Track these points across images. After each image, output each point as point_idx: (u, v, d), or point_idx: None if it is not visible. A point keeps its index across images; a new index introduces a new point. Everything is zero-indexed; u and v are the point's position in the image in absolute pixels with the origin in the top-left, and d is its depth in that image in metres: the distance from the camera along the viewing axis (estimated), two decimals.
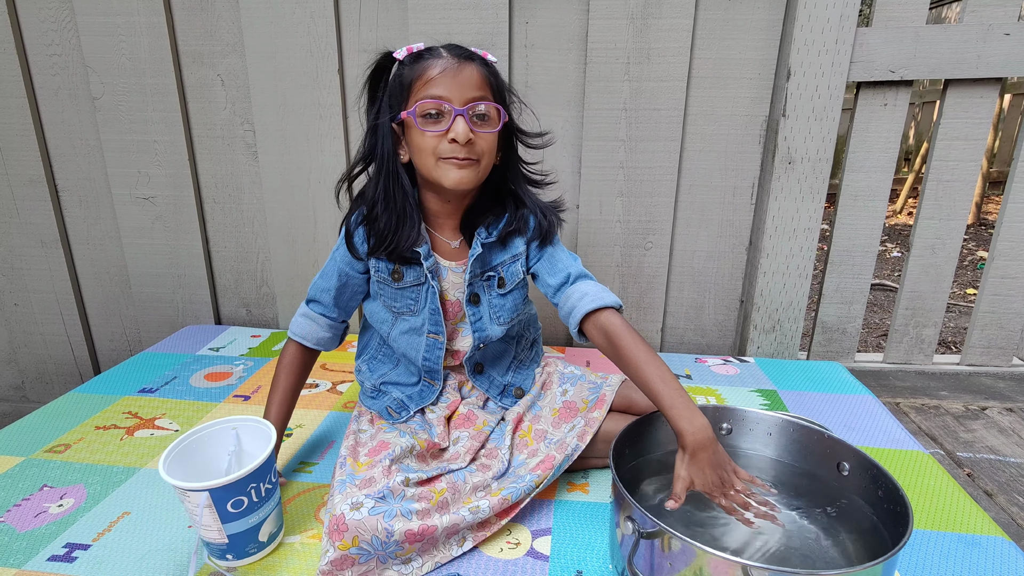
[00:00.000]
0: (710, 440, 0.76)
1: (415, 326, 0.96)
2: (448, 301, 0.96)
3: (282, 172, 1.51)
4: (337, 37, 1.40)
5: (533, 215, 0.95)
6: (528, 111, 0.94)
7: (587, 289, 0.92)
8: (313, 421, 1.16)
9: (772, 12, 1.33)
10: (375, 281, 0.96)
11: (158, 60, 1.44)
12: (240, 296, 1.65)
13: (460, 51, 0.85)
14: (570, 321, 0.93)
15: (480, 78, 0.84)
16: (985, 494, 1.09)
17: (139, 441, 1.08)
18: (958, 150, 1.38)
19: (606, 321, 0.89)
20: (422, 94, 0.83)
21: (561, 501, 0.93)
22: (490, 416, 0.99)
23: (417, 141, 0.85)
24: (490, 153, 0.87)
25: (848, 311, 1.51)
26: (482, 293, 0.97)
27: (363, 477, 0.83)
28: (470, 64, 0.84)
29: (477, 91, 0.83)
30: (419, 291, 0.95)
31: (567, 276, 0.95)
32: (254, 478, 0.77)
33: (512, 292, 0.98)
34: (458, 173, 0.85)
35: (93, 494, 0.94)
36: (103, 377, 1.33)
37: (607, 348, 0.89)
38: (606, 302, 0.90)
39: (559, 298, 0.95)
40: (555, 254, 0.97)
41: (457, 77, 0.82)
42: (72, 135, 1.52)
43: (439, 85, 0.82)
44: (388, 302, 0.96)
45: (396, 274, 0.93)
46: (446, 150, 0.83)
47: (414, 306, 0.95)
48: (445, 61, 0.83)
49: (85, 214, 1.59)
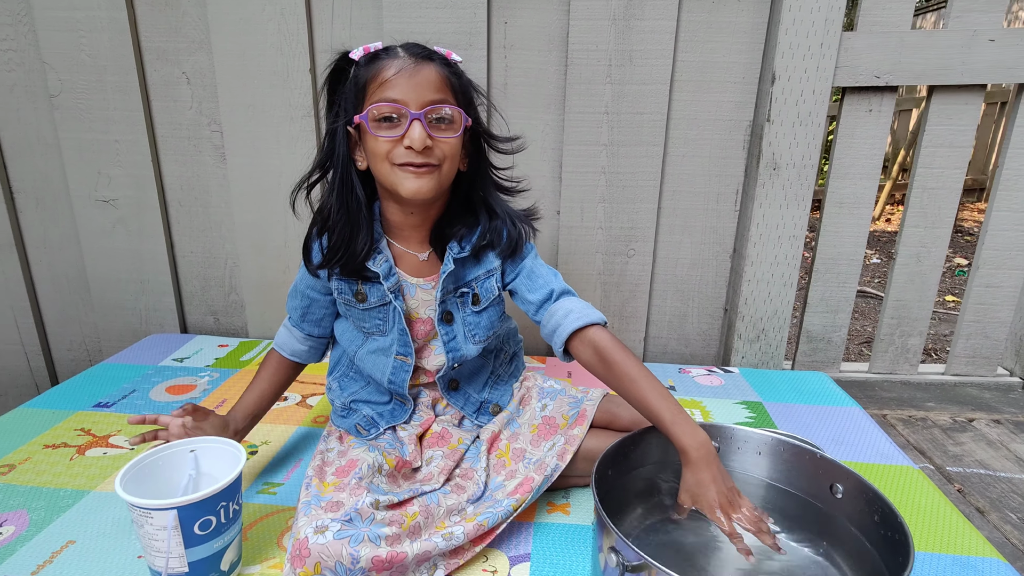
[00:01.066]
0: (713, 456, 0.74)
1: (383, 346, 0.91)
2: (418, 319, 0.91)
3: (251, 175, 1.44)
4: (309, 35, 1.34)
5: (504, 225, 0.90)
6: (497, 114, 0.89)
7: (571, 306, 0.88)
8: (280, 437, 1.10)
9: (756, 15, 1.30)
10: (341, 303, 0.91)
11: (120, 56, 1.37)
12: (207, 303, 1.58)
13: (418, 50, 0.80)
14: (554, 339, 0.88)
15: (440, 79, 0.79)
16: (977, 511, 1.07)
17: (90, 461, 1.01)
18: (943, 157, 1.36)
19: (595, 337, 0.85)
20: (376, 97, 0.78)
21: (541, 524, 0.88)
22: (465, 434, 0.94)
23: (371, 146, 0.80)
24: (452, 159, 0.82)
25: (833, 320, 1.48)
26: (455, 311, 0.92)
27: (329, 499, 0.78)
28: (428, 64, 0.79)
29: (436, 93, 0.78)
30: (386, 311, 0.89)
31: (549, 293, 0.90)
32: (225, 496, 0.72)
33: (488, 309, 0.93)
34: (416, 182, 0.79)
35: (36, 521, 0.87)
36: (56, 391, 1.25)
37: (597, 365, 0.85)
38: (592, 319, 0.86)
39: (541, 315, 0.90)
40: (534, 269, 0.92)
41: (414, 78, 0.77)
42: (28, 133, 1.44)
43: (394, 87, 0.77)
44: (357, 322, 0.91)
45: (359, 295, 0.88)
46: (401, 155, 0.78)
47: (383, 326, 0.90)
48: (401, 61, 0.78)
49: (42, 216, 1.51)
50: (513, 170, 0.93)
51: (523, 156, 1.38)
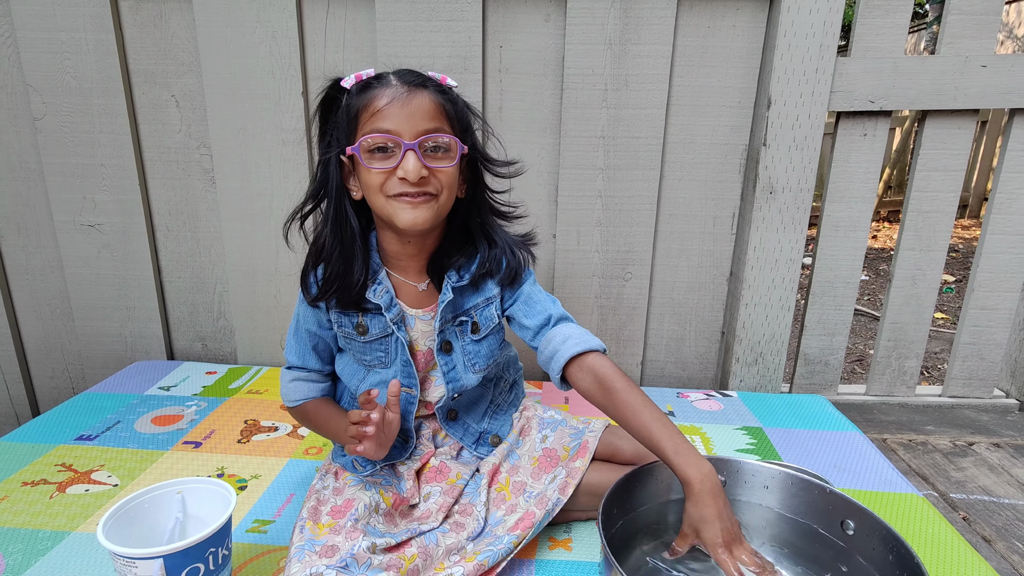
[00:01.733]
0: (719, 489, 0.72)
1: (386, 379, 0.88)
2: (418, 351, 0.88)
3: (242, 199, 1.41)
4: (301, 58, 1.33)
5: (503, 254, 0.88)
6: (494, 138, 0.87)
7: (569, 332, 0.86)
8: (271, 470, 1.06)
9: (751, 40, 1.30)
10: (341, 337, 0.88)
11: (106, 79, 1.34)
12: (195, 329, 1.54)
13: (411, 77, 0.78)
14: (552, 366, 0.86)
15: (434, 107, 0.77)
16: (983, 540, 1.05)
17: (71, 499, 0.97)
18: (937, 181, 1.37)
19: (595, 364, 0.83)
20: (369, 127, 0.76)
21: (542, 561, 0.85)
22: (464, 468, 0.91)
23: (365, 178, 0.78)
24: (449, 188, 0.80)
25: (831, 343, 1.47)
26: (455, 340, 0.89)
27: (324, 543, 0.74)
28: (422, 92, 0.77)
29: (430, 122, 0.76)
30: (388, 343, 0.87)
31: (547, 318, 0.88)
32: (213, 542, 0.69)
33: (487, 338, 0.91)
34: (412, 213, 0.77)
35: (12, 566, 0.82)
36: (36, 423, 1.20)
37: (597, 393, 0.83)
38: (591, 345, 0.84)
39: (538, 342, 0.88)
40: (532, 295, 0.90)
41: (407, 107, 0.75)
42: (10, 158, 1.41)
43: (386, 117, 0.75)
44: (358, 355, 0.89)
45: (360, 328, 0.86)
46: (395, 186, 0.76)
47: (384, 358, 0.88)
48: (393, 90, 0.76)
49: (24, 242, 1.46)
50: (510, 194, 0.91)
51: (519, 180, 1.37)
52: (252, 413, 1.26)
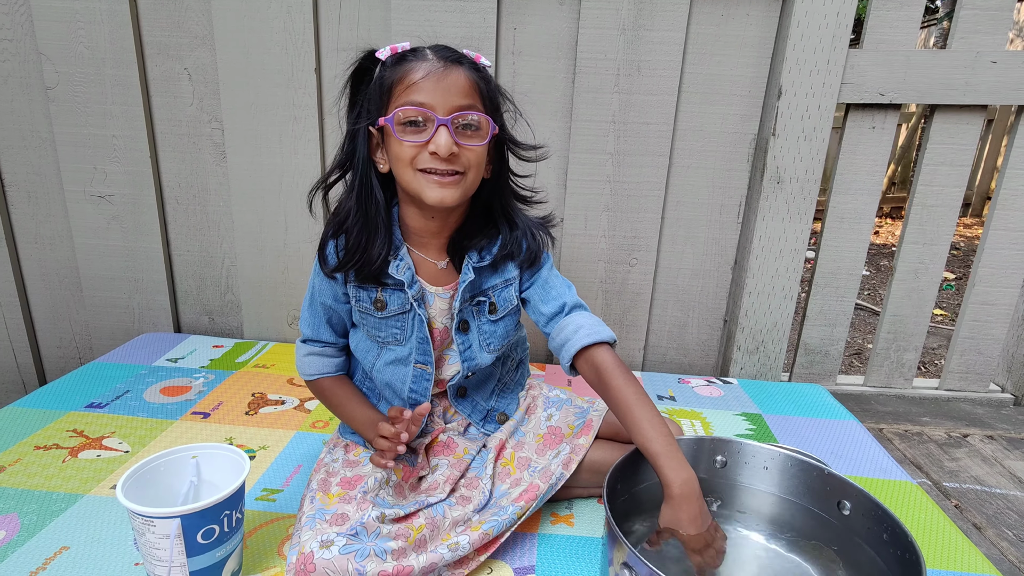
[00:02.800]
0: (696, 494, 0.73)
1: (401, 356, 0.89)
2: (435, 329, 0.89)
3: (252, 174, 1.42)
4: (315, 34, 1.33)
5: (524, 236, 0.89)
6: (523, 120, 0.87)
7: (582, 322, 0.87)
8: (278, 442, 1.08)
9: (764, 29, 1.30)
10: (357, 312, 0.88)
11: (120, 50, 1.35)
12: (202, 303, 1.55)
13: (448, 53, 0.78)
14: (562, 354, 0.87)
15: (469, 84, 0.77)
16: (974, 527, 1.08)
17: (83, 463, 0.99)
18: (943, 175, 1.38)
19: (600, 358, 0.84)
20: (403, 100, 0.75)
21: (545, 535, 0.87)
22: (471, 443, 0.93)
23: (395, 150, 0.78)
24: (477, 167, 0.80)
25: (831, 333, 1.49)
26: (471, 319, 0.90)
27: (334, 512, 0.76)
28: (458, 68, 0.77)
29: (464, 99, 0.76)
30: (404, 319, 0.87)
31: (562, 306, 0.89)
32: (228, 504, 0.71)
33: (504, 319, 0.91)
34: (440, 191, 0.77)
35: (28, 525, 0.84)
36: (47, 389, 1.22)
37: (597, 386, 0.85)
38: (602, 337, 0.86)
39: (552, 328, 0.89)
40: (548, 280, 0.91)
41: (442, 82, 0.75)
42: (22, 126, 1.41)
43: (422, 91, 0.75)
44: (372, 332, 0.89)
45: (378, 303, 0.86)
46: (425, 161, 0.76)
47: (400, 335, 0.88)
48: (430, 64, 0.76)
49: (34, 211, 1.47)
50: (532, 179, 0.92)
51: (527, 163, 1.38)
52: (259, 387, 1.28)
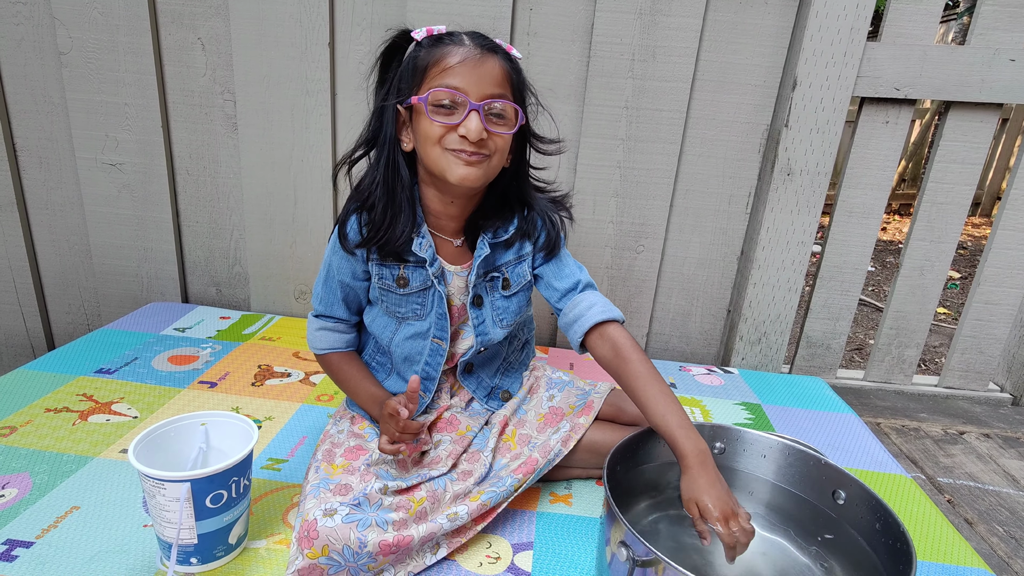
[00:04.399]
0: (711, 461, 0.75)
1: (420, 331, 0.90)
2: (453, 306, 0.91)
3: (262, 147, 1.42)
4: (330, 8, 1.32)
5: (541, 221, 0.90)
6: (545, 115, 0.87)
7: (594, 300, 0.89)
8: (284, 413, 1.10)
9: (782, 19, 1.29)
10: (378, 288, 0.89)
11: (134, 17, 1.34)
12: (210, 274, 1.56)
13: (484, 41, 0.79)
14: (574, 329, 0.89)
15: (502, 74, 0.78)
16: (966, 522, 1.09)
17: (93, 427, 1.01)
18: (954, 173, 1.38)
19: (614, 334, 0.86)
20: (437, 82, 0.76)
21: (543, 513, 0.89)
22: (473, 420, 0.95)
23: (425, 129, 0.79)
24: (501, 153, 0.81)
25: (834, 327, 1.50)
26: (485, 295, 0.92)
27: (338, 482, 0.78)
28: (493, 57, 0.78)
29: (496, 87, 0.77)
30: (425, 296, 0.89)
31: (575, 283, 0.91)
32: (237, 471, 0.73)
33: (517, 294, 0.93)
34: (464, 169, 0.78)
35: (39, 484, 0.86)
36: (57, 354, 1.24)
37: (612, 361, 0.86)
38: (615, 315, 0.87)
39: (564, 304, 0.91)
40: (563, 258, 0.93)
41: (478, 69, 0.76)
42: (35, 91, 1.41)
43: (457, 75, 0.76)
44: (392, 308, 0.90)
45: (401, 280, 0.88)
46: (454, 142, 0.77)
47: (420, 311, 0.90)
48: (467, 50, 0.77)
49: (45, 177, 1.48)
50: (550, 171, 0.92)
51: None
52: (266, 359, 1.29)
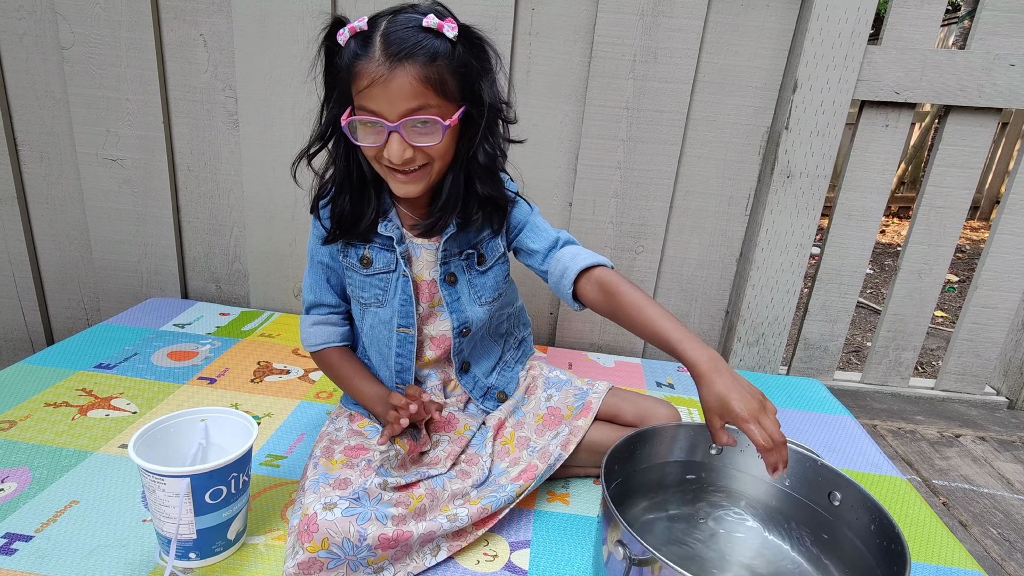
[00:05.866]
0: (724, 365, 0.73)
1: (384, 319, 0.89)
2: (423, 282, 0.90)
3: (263, 144, 1.43)
4: (332, 6, 1.32)
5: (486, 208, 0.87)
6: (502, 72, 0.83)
7: (577, 251, 0.88)
8: (283, 410, 1.10)
9: (784, 21, 1.30)
10: (343, 266, 0.89)
11: (136, 13, 1.34)
12: (210, 270, 1.57)
13: (394, 48, 0.71)
14: (563, 283, 0.87)
15: (416, 84, 0.71)
16: (960, 524, 1.10)
17: (92, 422, 1.01)
18: (953, 177, 1.38)
19: (602, 275, 0.85)
20: (358, 103, 0.74)
21: (541, 512, 0.90)
22: (470, 420, 0.95)
23: (362, 147, 0.79)
24: (441, 156, 0.79)
25: (832, 329, 1.50)
26: (460, 273, 0.90)
27: (337, 477, 0.78)
28: (404, 67, 0.71)
29: (412, 101, 0.72)
30: (388, 279, 0.88)
31: (555, 240, 0.90)
32: (236, 467, 0.73)
33: (493, 268, 0.92)
34: (404, 187, 0.79)
35: (38, 479, 0.87)
36: (56, 348, 1.24)
37: (604, 302, 0.85)
38: (600, 260, 0.87)
39: (548, 264, 0.89)
40: (537, 224, 0.92)
41: (388, 89, 0.71)
42: (36, 86, 1.41)
43: (370, 98, 0.72)
44: (356, 291, 0.89)
45: (364, 260, 0.87)
46: (387, 159, 0.77)
47: (382, 296, 0.88)
48: (375, 66, 0.71)
49: (46, 171, 1.48)
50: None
51: (539, 146, 1.38)
52: (265, 355, 1.29)
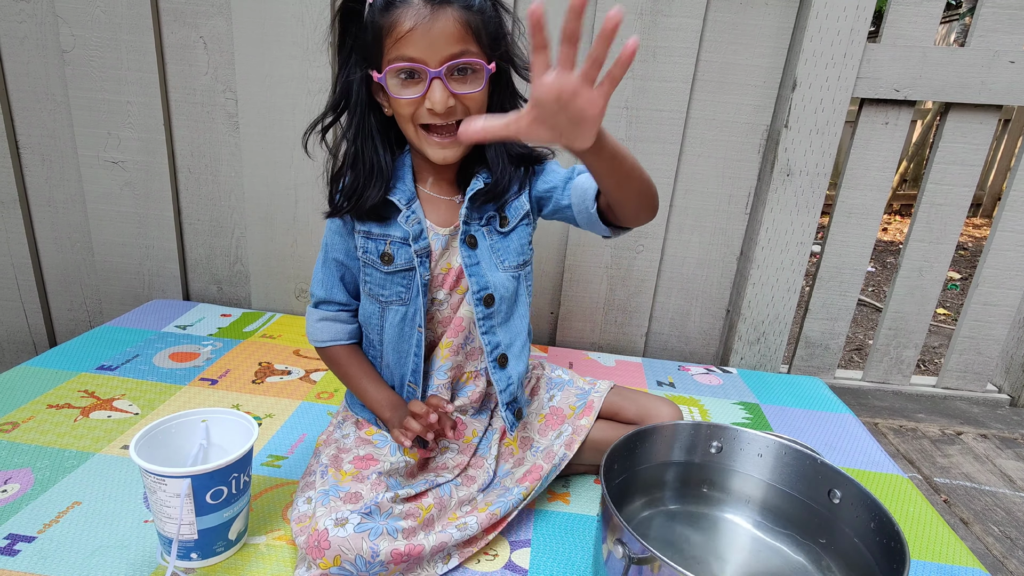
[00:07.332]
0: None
1: (408, 316, 0.86)
2: (449, 270, 0.86)
3: (264, 146, 1.43)
4: (332, 6, 1.33)
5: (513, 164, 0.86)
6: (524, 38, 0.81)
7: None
8: (284, 411, 1.11)
9: (782, 19, 1.30)
10: (363, 265, 0.86)
11: (136, 15, 1.35)
12: (211, 272, 1.57)
13: None
14: (586, 203, 0.82)
15: (459, 28, 0.72)
16: (961, 522, 1.10)
17: (94, 423, 1.01)
18: (953, 174, 1.38)
19: None
20: (393, 54, 0.72)
21: (541, 511, 0.90)
22: (478, 424, 0.94)
23: (395, 106, 0.77)
24: (480, 110, 0.77)
25: (832, 327, 1.50)
26: (481, 238, 0.86)
27: (348, 490, 0.76)
28: (445, 12, 0.71)
29: (456, 45, 0.72)
30: (411, 276, 0.85)
31: (571, 171, 0.86)
32: (237, 467, 0.73)
33: (516, 229, 0.87)
34: (442, 152, 0.77)
35: (41, 480, 0.87)
36: (58, 350, 1.25)
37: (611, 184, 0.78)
38: None
39: (569, 191, 0.85)
40: (550, 167, 0.89)
41: (430, 32, 0.70)
42: (37, 88, 1.42)
43: (410, 44, 0.71)
44: (375, 290, 0.86)
45: (385, 257, 0.84)
46: (424, 116, 0.75)
47: (405, 295, 0.85)
48: (416, 12, 0.71)
49: (48, 174, 1.49)
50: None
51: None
52: (266, 356, 1.30)
